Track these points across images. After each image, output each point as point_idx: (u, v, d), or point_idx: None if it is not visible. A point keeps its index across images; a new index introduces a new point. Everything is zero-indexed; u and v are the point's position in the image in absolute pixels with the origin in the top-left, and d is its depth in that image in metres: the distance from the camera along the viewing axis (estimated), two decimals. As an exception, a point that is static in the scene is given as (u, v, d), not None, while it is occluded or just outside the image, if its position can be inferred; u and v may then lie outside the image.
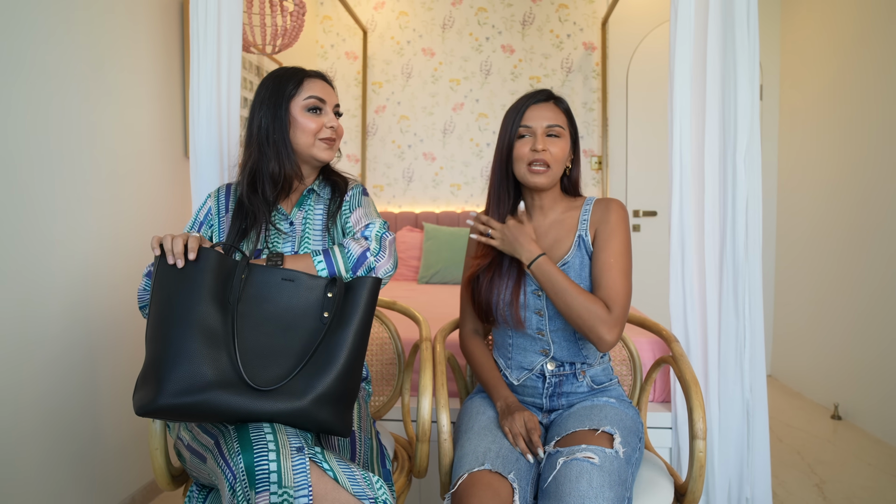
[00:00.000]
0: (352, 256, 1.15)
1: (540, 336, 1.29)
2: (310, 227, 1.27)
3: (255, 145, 1.22)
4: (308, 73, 1.26)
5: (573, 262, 1.26)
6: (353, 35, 3.85)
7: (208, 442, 1.00)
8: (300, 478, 0.88)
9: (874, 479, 2.19)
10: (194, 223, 1.27)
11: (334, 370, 1.01)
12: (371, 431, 1.23)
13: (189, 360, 0.93)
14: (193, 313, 0.96)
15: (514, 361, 1.32)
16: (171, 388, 0.91)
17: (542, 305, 1.27)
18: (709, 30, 1.59)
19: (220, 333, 0.97)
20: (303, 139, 1.22)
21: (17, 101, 1.54)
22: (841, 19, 2.97)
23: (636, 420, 1.23)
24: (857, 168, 2.80)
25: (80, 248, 1.74)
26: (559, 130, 1.26)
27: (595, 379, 1.30)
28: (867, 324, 2.69)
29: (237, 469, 0.88)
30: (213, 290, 0.99)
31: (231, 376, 0.95)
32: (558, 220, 1.32)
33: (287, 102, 1.22)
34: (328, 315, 1.05)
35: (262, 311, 1.03)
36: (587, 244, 1.27)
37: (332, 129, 1.24)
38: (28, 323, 1.56)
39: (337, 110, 1.29)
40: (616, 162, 3.72)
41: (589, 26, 3.72)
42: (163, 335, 0.95)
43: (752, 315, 1.59)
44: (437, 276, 3.26)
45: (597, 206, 1.30)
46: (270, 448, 0.89)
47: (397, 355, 1.59)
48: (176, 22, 2.28)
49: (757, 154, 1.57)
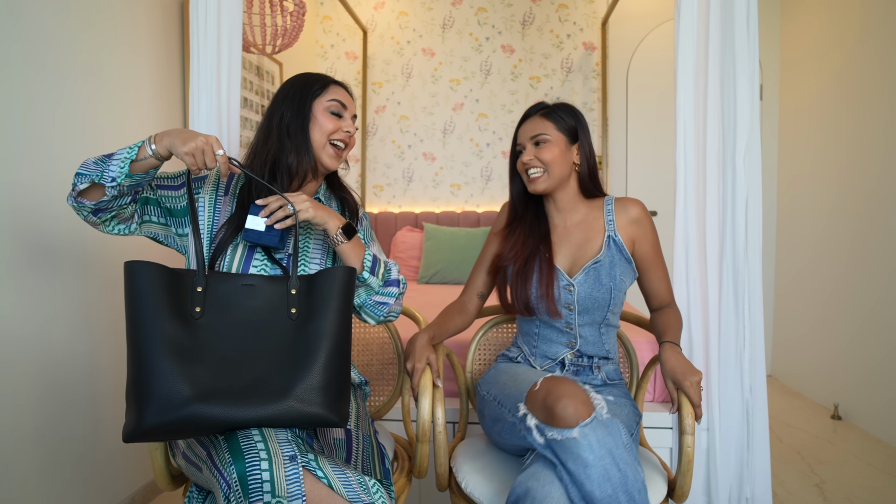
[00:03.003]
0: (389, 275, 1.24)
1: (568, 329, 1.36)
2: (311, 239, 1.25)
3: (275, 138, 1.22)
4: (334, 80, 1.28)
5: (604, 262, 1.33)
6: (353, 35, 3.85)
7: (202, 453, 1.00)
8: (294, 487, 0.88)
9: (874, 479, 2.19)
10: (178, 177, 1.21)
11: (315, 362, 1.00)
12: (370, 431, 1.23)
13: (163, 378, 0.92)
14: (157, 331, 0.95)
15: (539, 350, 1.39)
16: (151, 409, 0.90)
17: (573, 300, 1.33)
18: (709, 30, 1.59)
19: (189, 348, 0.96)
20: (318, 138, 1.22)
21: (16, 101, 1.54)
22: (841, 19, 2.97)
23: (632, 417, 1.28)
24: (857, 168, 2.80)
25: (79, 248, 1.74)
26: (544, 137, 1.35)
27: (609, 375, 1.37)
28: (867, 324, 2.69)
29: (230, 479, 0.88)
30: (171, 306, 0.98)
31: (209, 388, 0.94)
32: (583, 222, 1.40)
33: (311, 100, 1.23)
34: (295, 311, 1.05)
35: (229, 319, 1.02)
36: (620, 245, 1.35)
37: (347, 134, 1.25)
38: (28, 323, 1.56)
39: (355, 121, 1.30)
40: (616, 162, 3.72)
41: (589, 26, 3.72)
42: (134, 354, 0.95)
43: (752, 315, 1.59)
44: (437, 276, 3.26)
45: (619, 207, 1.38)
46: (262, 457, 0.89)
47: (397, 355, 1.59)
48: (176, 22, 2.28)
49: (757, 154, 1.58)
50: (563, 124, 1.36)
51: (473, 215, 3.62)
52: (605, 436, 1.03)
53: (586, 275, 1.33)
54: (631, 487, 1.00)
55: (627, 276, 1.36)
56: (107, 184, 1.04)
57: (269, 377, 0.98)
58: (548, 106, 1.39)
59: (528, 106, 1.65)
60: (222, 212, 1.21)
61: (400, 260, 3.44)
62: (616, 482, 1.00)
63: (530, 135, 1.36)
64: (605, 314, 1.34)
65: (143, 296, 0.96)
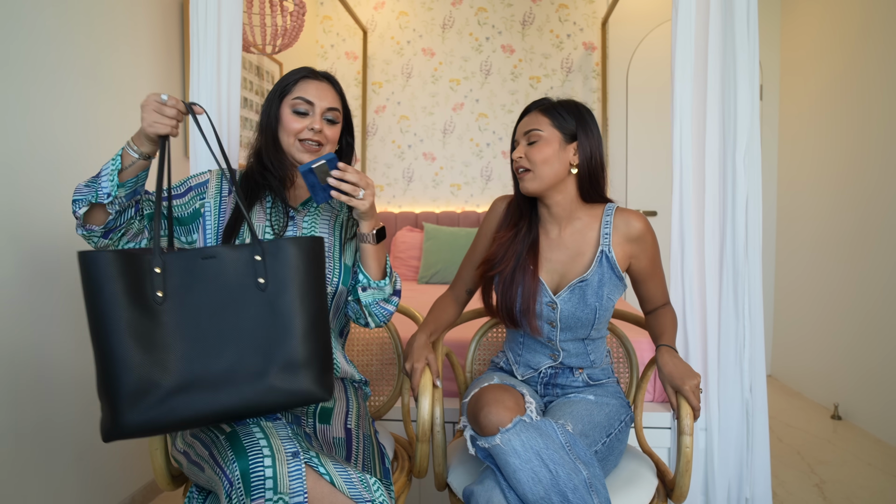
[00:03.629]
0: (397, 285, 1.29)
1: (550, 344, 1.32)
2: (320, 217, 1.27)
3: (261, 138, 1.25)
4: (307, 74, 1.24)
5: (591, 280, 1.26)
6: (353, 35, 3.85)
7: (203, 453, 1.00)
8: (296, 484, 0.88)
9: (874, 479, 2.19)
10: (183, 184, 1.22)
11: (291, 337, 0.96)
12: (370, 431, 1.23)
13: (130, 369, 0.88)
14: (120, 322, 0.90)
15: (522, 359, 1.36)
16: (125, 405, 0.87)
17: (555, 317, 1.28)
18: (709, 30, 1.59)
19: (156, 335, 0.92)
20: (284, 138, 1.22)
21: (16, 101, 1.54)
22: (842, 19, 2.97)
23: (613, 417, 1.24)
24: (857, 167, 2.80)
25: (79, 248, 1.74)
26: (535, 135, 1.26)
27: (592, 376, 1.33)
28: (867, 324, 2.69)
29: (233, 476, 0.88)
30: (131, 294, 0.92)
31: (185, 377, 0.91)
32: (578, 231, 1.31)
33: (280, 99, 1.22)
34: (264, 281, 0.98)
35: (194, 298, 0.96)
36: (612, 263, 1.26)
37: (313, 132, 1.20)
38: (28, 324, 1.56)
39: (329, 115, 1.23)
40: (616, 162, 3.72)
41: (589, 26, 3.72)
42: (99, 348, 0.90)
43: (752, 315, 1.59)
44: (437, 276, 3.26)
45: (620, 220, 1.29)
46: (265, 454, 0.89)
47: (397, 355, 1.59)
48: (176, 22, 2.28)
49: (757, 154, 1.58)
50: (560, 122, 1.26)
51: (473, 215, 3.62)
52: (533, 438, 1.04)
53: (571, 293, 1.26)
54: (564, 487, 1.00)
55: (616, 293, 1.29)
56: (104, 201, 1.04)
57: (246, 357, 0.94)
58: (549, 102, 1.30)
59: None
60: (227, 211, 1.22)
61: (400, 260, 3.45)
62: (547, 483, 1.00)
63: (525, 129, 1.29)
64: (589, 331, 1.29)
65: (101, 286, 0.90)
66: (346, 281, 1.25)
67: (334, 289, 1.23)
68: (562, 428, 1.08)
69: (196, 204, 1.21)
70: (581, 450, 1.07)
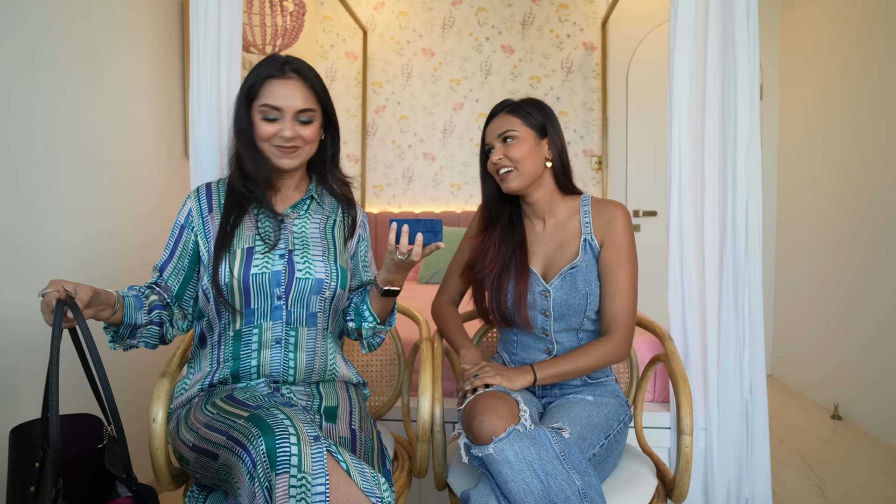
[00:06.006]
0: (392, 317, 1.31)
1: (544, 335, 1.33)
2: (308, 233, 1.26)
3: (238, 138, 1.21)
4: (273, 74, 1.17)
5: (581, 266, 1.29)
6: (353, 35, 3.85)
7: (218, 438, 1.00)
8: (318, 466, 0.89)
9: (874, 478, 2.20)
10: (175, 227, 1.25)
11: None
12: (372, 431, 1.23)
13: None
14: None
15: (518, 357, 1.37)
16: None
17: (549, 306, 1.30)
18: (709, 30, 1.59)
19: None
20: (260, 143, 1.20)
21: (16, 101, 1.54)
22: (842, 19, 2.97)
23: (612, 417, 1.24)
24: (857, 168, 2.80)
25: (79, 248, 1.75)
26: (511, 134, 1.30)
27: (590, 375, 1.33)
28: (867, 324, 2.69)
29: (257, 453, 0.89)
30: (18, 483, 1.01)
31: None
32: (560, 223, 1.35)
33: (250, 103, 1.19)
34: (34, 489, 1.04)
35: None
36: (594, 248, 1.31)
37: (284, 139, 1.17)
38: (28, 323, 1.56)
39: (302, 117, 1.18)
40: (616, 162, 3.72)
41: (589, 26, 3.72)
42: None
43: (751, 315, 1.59)
44: (437, 276, 3.26)
45: (596, 208, 1.33)
46: (291, 433, 0.90)
47: (397, 355, 1.59)
48: (176, 22, 2.28)
49: (757, 154, 1.58)
50: (530, 119, 1.31)
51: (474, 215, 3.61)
52: (526, 448, 1.02)
53: (563, 280, 1.29)
54: (555, 498, 0.99)
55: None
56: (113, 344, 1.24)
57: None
58: (513, 102, 1.34)
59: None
60: (212, 230, 1.22)
61: (400, 260, 3.45)
62: (538, 495, 1.00)
63: (497, 132, 1.31)
64: (582, 320, 1.31)
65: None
66: (343, 284, 1.25)
67: (332, 292, 1.23)
68: (557, 436, 1.07)
69: (192, 235, 1.24)
70: (576, 458, 1.06)
